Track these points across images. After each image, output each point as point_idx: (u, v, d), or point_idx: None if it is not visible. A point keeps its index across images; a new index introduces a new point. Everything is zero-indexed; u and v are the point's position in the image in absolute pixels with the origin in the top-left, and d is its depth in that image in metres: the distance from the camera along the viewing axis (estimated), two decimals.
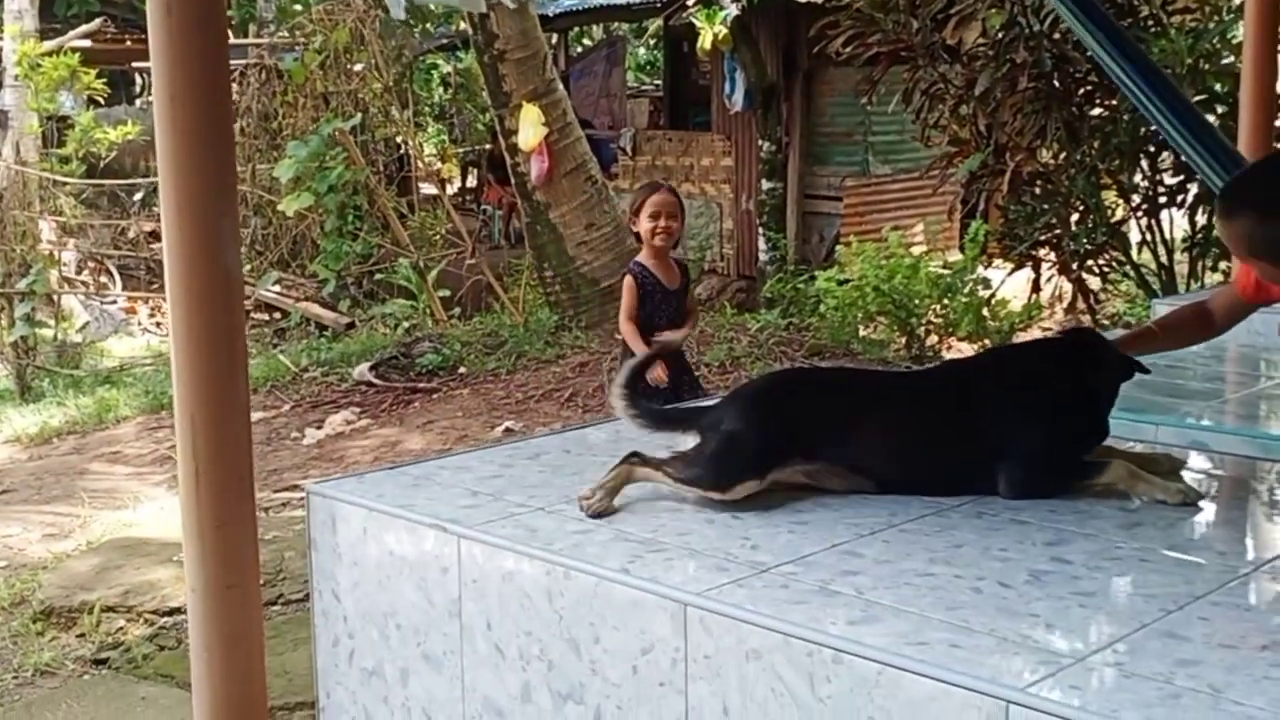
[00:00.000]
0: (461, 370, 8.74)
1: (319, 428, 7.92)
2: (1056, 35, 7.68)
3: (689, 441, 2.68)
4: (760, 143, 13.67)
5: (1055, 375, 2.64)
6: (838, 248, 13.42)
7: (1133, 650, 1.89)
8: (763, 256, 13.47)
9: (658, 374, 4.47)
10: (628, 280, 4.92)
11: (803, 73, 13.76)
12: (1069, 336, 2.82)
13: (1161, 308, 5.39)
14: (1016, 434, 2.58)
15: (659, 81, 20.92)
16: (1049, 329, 9.09)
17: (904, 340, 8.65)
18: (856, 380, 3.00)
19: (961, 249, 12.58)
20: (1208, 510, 2.60)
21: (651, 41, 23.47)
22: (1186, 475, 2.75)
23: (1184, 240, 8.22)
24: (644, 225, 4.87)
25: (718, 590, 2.15)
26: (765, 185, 13.52)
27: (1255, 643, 1.90)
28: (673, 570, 2.26)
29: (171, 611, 4.90)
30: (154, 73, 2.66)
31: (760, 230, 13.54)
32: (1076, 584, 2.17)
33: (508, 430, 7.43)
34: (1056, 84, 7.73)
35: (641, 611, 2.18)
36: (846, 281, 8.80)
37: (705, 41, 13.51)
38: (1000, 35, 7.78)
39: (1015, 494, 2.57)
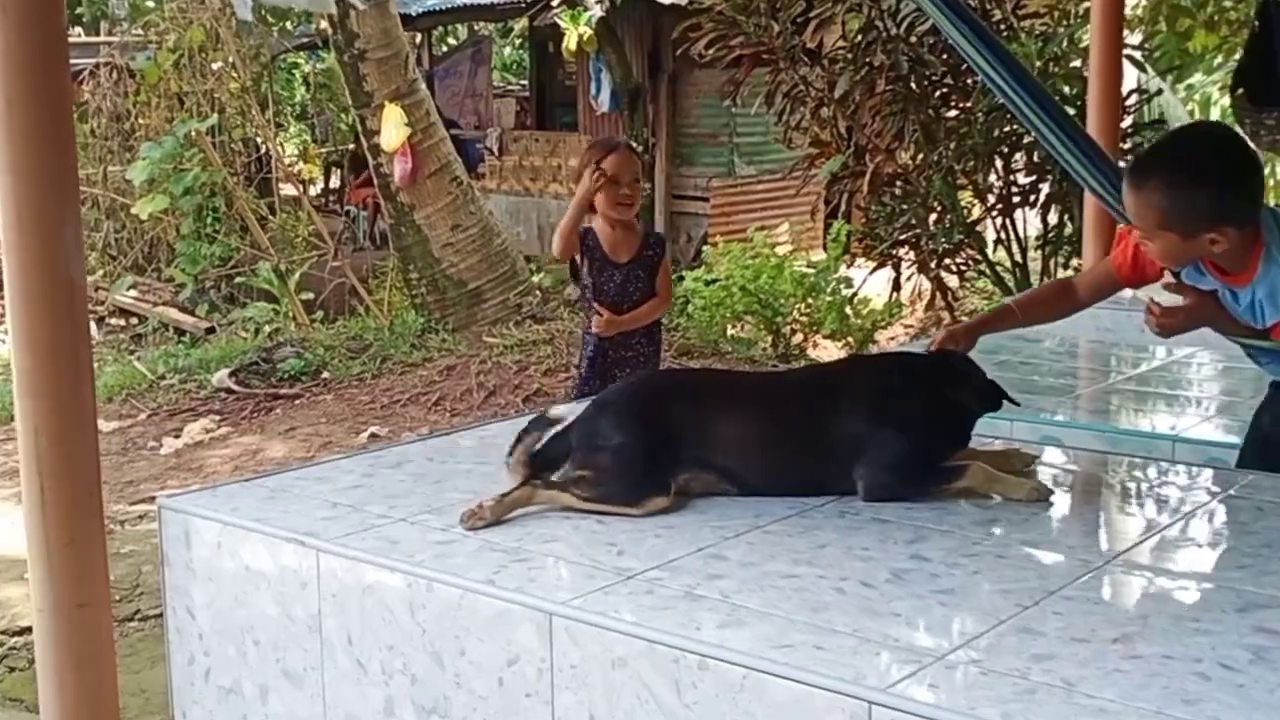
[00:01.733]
0: (325, 375, 8.59)
1: (177, 437, 7.71)
2: (913, 39, 7.84)
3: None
4: None
5: (917, 386, 2.66)
6: (705, 248, 13.57)
7: (990, 647, 1.92)
8: None
9: (600, 323, 4.29)
10: (577, 240, 4.33)
11: (668, 74, 13.84)
12: (936, 355, 2.82)
13: None
14: (875, 439, 2.60)
15: (525, 81, 20.84)
16: (910, 326, 9.27)
17: (770, 339, 8.74)
18: (722, 383, 2.99)
19: (825, 248, 12.80)
20: (1061, 505, 2.66)
21: (517, 41, 23.37)
22: (1040, 471, 2.81)
23: (1037, 239, 8.45)
24: (605, 189, 4.23)
25: (583, 599, 2.13)
26: None
27: (1106, 635, 1.94)
28: (539, 580, 2.24)
29: (21, 631, 4.71)
30: None
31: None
32: (936, 581, 2.20)
33: (373, 436, 7.32)
34: (913, 86, 7.88)
35: (507, 622, 2.15)
36: (714, 281, 8.85)
37: (570, 42, 13.53)
38: (859, 39, 7.91)
39: (873, 498, 2.60)
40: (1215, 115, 12.81)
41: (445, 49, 20.06)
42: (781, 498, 2.63)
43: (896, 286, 8.65)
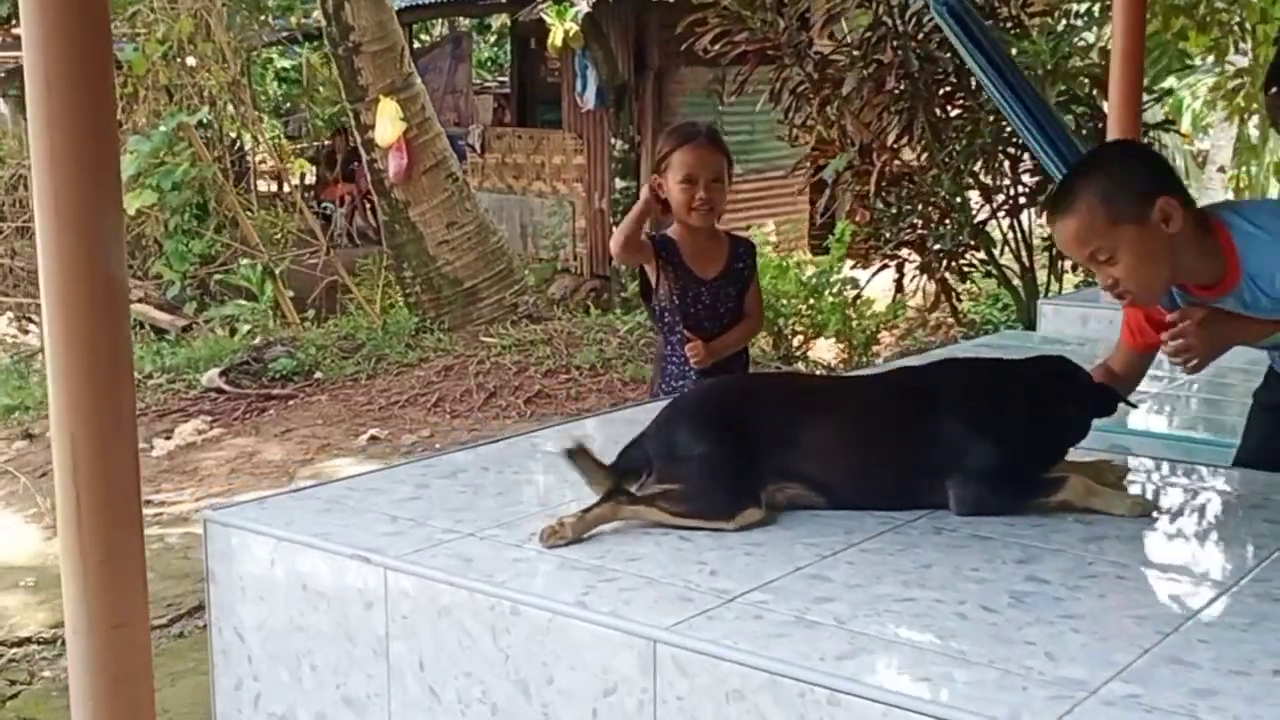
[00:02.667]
0: (318, 375, 8.40)
1: (168, 438, 7.50)
2: (921, 35, 7.72)
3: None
4: (613, 141, 13.58)
5: (1017, 390, 2.52)
6: None
7: (1144, 679, 1.77)
8: None
9: (697, 354, 3.54)
10: (646, 241, 3.65)
11: (654, 71, 13.70)
12: (1041, 359, 2.67)
13: (1047, 308, 5.42)
14: (969, 448, 2.45)
15: (503, 78, 20.66)
16: (911, 329, 9.15)
17: (771, 340, 8.60)
18: (804, 386, 2.83)
19: (815, 249, 12.68)
20: (1164, 520, 2.52)
21: (494, 38, 23.19)
22: (1130, 483, 2.68)
23: (1044, 240, 8.35)
24: (673, 190, 3.49)
25: (687, 624, 1.97)
26: (618, 184, 13.41)
27: (1266, 667, 1.80)
28: (633, 602, 2.08)
29: (21, 642, 4.52)
30: (26, 59, 2.37)
31: (614, 229, 13.37)
32: (1061, 606, 2.05)
33: (373, 438, 7.14)
34: (921, 85, 7.76)
35: (604, 649, 1.99)
36: None
37: (556, 38, 13.33)
38: (867, 35, 7.78)
39: (967, 511, 2.45)
40: (1187, 121, 12.82)
41: (420, 45, 19.86)
42: (870, 512, 2.48)
43: (899, 288, 8.53)
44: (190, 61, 11.09)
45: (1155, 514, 2.51)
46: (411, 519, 2.49)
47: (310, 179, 18.87)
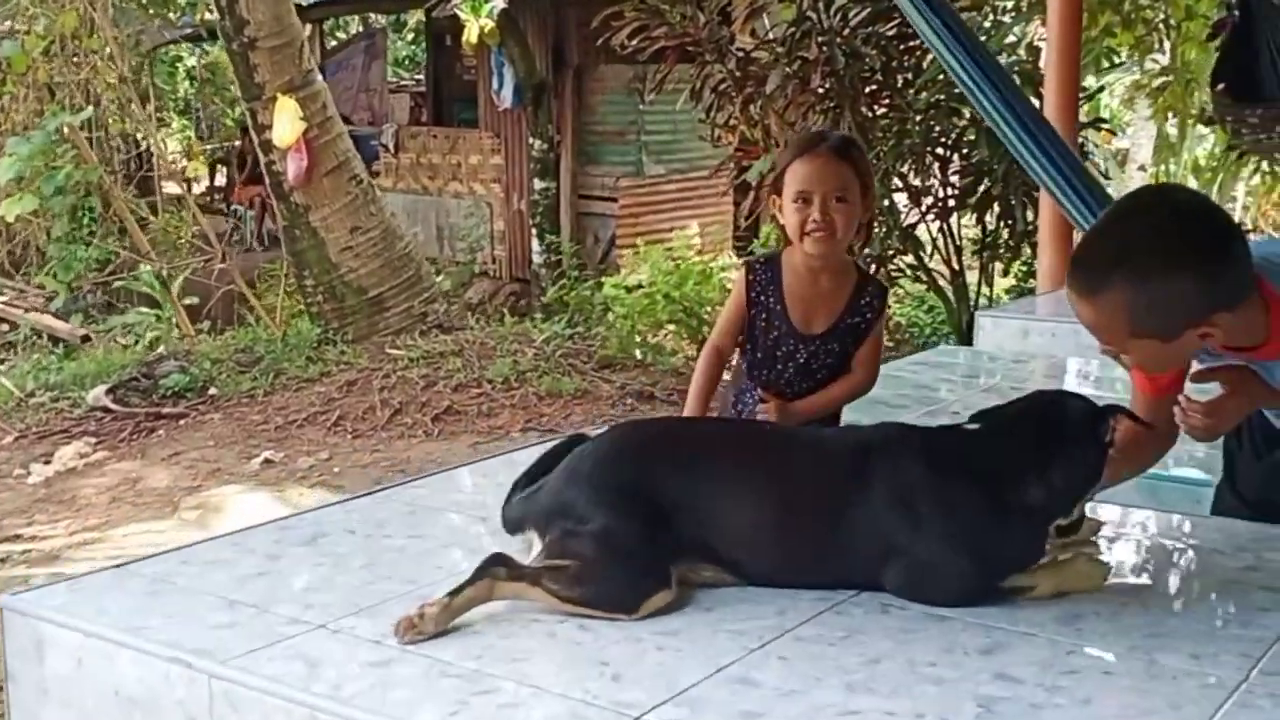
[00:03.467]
0: (212, 392, 7.86)
1: (47, 463, 6.94)
2: (847, 31, 7.38)
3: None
4: (531, 141, 13.22)
5: (986, 469, 2.06)
6: (614, 250, 13.05)
7: None
8: (536, 258, 13.03)
9: (769, 409, 2.73)
10: (737, 280, 2.85)
11: (573, 69, 13.38)
12: (1024, 405, 2.18)
13: (985, 320, 5.07)
14: (914, 542, 2.04)
15: (419, 76, 20.18)
16: None
17: (695, 349, 8.21)
18: (728, 441, 2.31)
19: (740, 251, 12.34)
20: (1147, 588, 2.15)
21: (410, 35, 22.67)
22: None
23: (974, 243, 8.05)
24: (787, 211, 2.69)
25: None
26: (538, 185, 13.06)
27: None
28: None
29: None
30: None
31: (533, 231, 13.04)
32: (1040, 716, 1.67)
33: (267, 461, 6.64)
34: (848, 83, 7.42)
35: None
36: (636, 288, 8.31)
37: (471, 35, 12.97)
38: (791, 31, 7.42)
39: (907, 598, 2.06)
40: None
41: (336, 42, 19.32)
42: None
43: None
44: (75, 58, 10.46)
45: (1142, 577, 2.14)
46: (253, 604, 2.06)
47: (220, 180, 18.26)
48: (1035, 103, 4.79)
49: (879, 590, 2.07)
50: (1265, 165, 10.05)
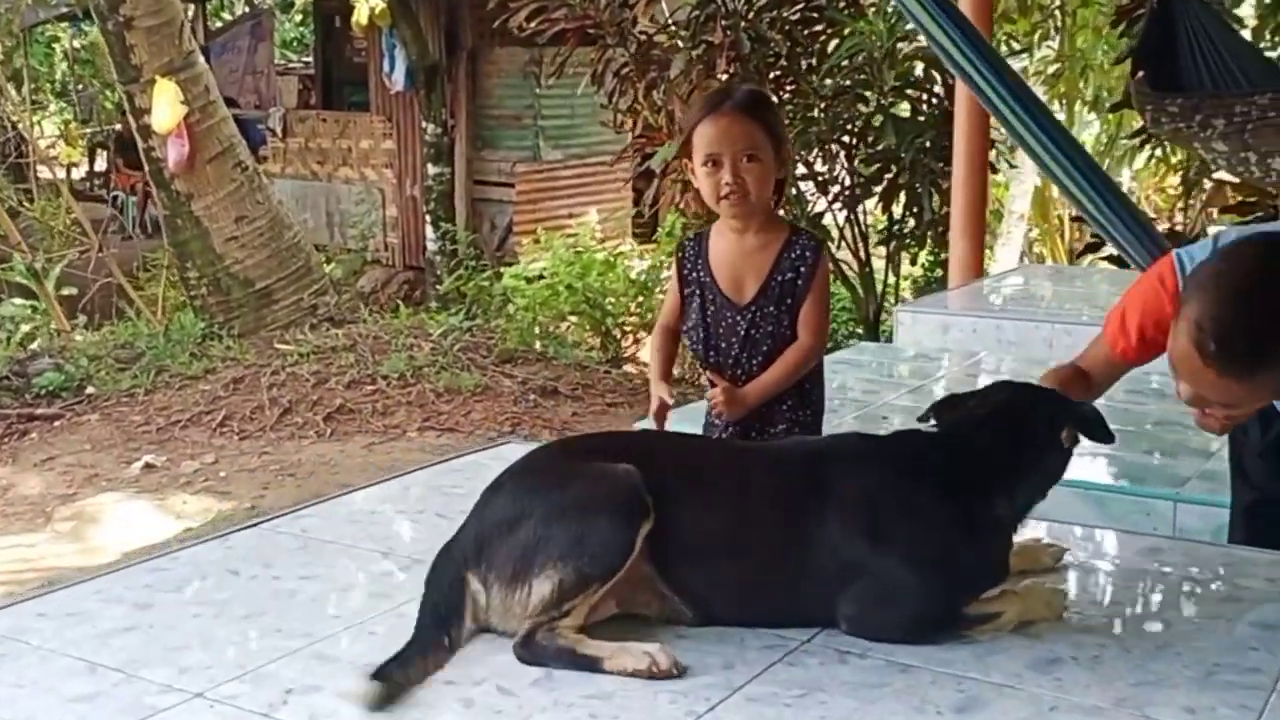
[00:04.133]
0: (89, 391, 7.43)
1: None
2: (752, 14, 7.19)
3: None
4: (424, 125, 12.91)
5: (949, 482, 1.88)
6: (511, 237, 12.77)
7: None
8: (431, 246, 12.71)
9: (718, 404, 2.56)
10: (674, 261, 2.76)
11: (467, 51, 13.10)
12: (985, 402, 2.00)
13: (904, 315, 4.90)
14: (871, 565, 1.85)
15: (308, 59, 19.68)
16: None
17: (598, 341, 7.99)
18: (668, 459, 2.01)
19: (641, 238, 12.13)
20: (1128, 626, 1.96)
21: (299, 16, 22.10)
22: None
23: (880, 234, 7.93)
24: (698, 176, 2.58)
25: None
26: (431, 170, 12.74)
27: None
28: None
29: None
30: None
31: (427, 218, 12.72)
32: None
33: (148, 466, 6.27)
34: (753, 68, 7.23)
35: None
36: (537, 278, 8.04)
37: (361, 16, 12.70)
38: (695, 14, 7.21)
39: (858, 636, 1.85)
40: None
41: (221, 23, 18.73)
42: (752, 629, 1.87)
43: None
44: None
45: (1114, 611, 1.95)
46: (118, 668, 1.78)
47: (101, 165, 17.57)
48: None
49: (832, 625, 1.86)
50: (1158, 152, 10.06)
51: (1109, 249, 8.17)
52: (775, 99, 7.39)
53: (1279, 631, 1.90)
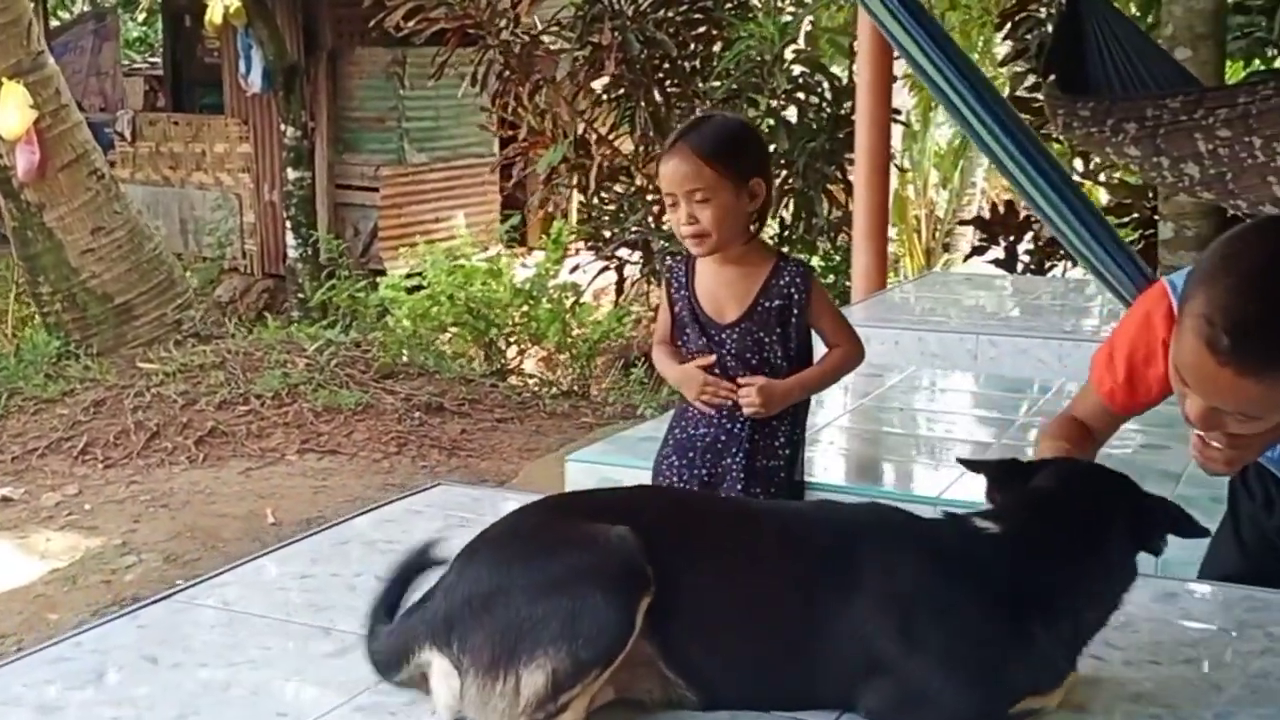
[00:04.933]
0: None
1: None
2: (641, 15, 7.00)
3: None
4: (283, 128, 12.48)
5: (1003, 577, 1.62)
6: (376, 243, 12.40)
7: None
8: (292, 253, 12.30)
9: (751, 400, 2.59)
10: (663, 284, 2.79)
11: (327, 52, 12.74)
12: (1053, 491, 1.73)
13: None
14: (903, 658, 1.60)
15: (154, 59, 19.00)
16: (634, 337, 8.41)
17: (483, 353, 7.70)
18: (681, 516, 1.80)
19: (511, 242, 11.87)
20: (1150, 680, 1.78)
21: (143, 15, 21.33)
22: None
23: (774, 239, 7.80)
24: (669, 210, 2.64)
25: None
26: (291, 174, 12.35)
27: None
28: None
29: None
30: None
31: (287, 224, 12.31)
32: None
33: (4, 499, 5.80)
34: (642, 70, 7.04)
35: None
36: (415, 289, 7.72)
37: (215, 15, 12.29)
38: (581, 14, 6.98)
39: None
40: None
41: (60, 22, 17.91)
42: (762, 712, 1.64)
43: (620, 291, 7.80)
44: None
45: (1149, 673, 1.77)
46: None
47: None
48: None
49: (851, 711, 1.64)
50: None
51: (994, 253, 8.20)
52: (665, 102, 7.21)
53: None
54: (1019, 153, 3.95)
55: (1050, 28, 6.66)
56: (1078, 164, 7.35)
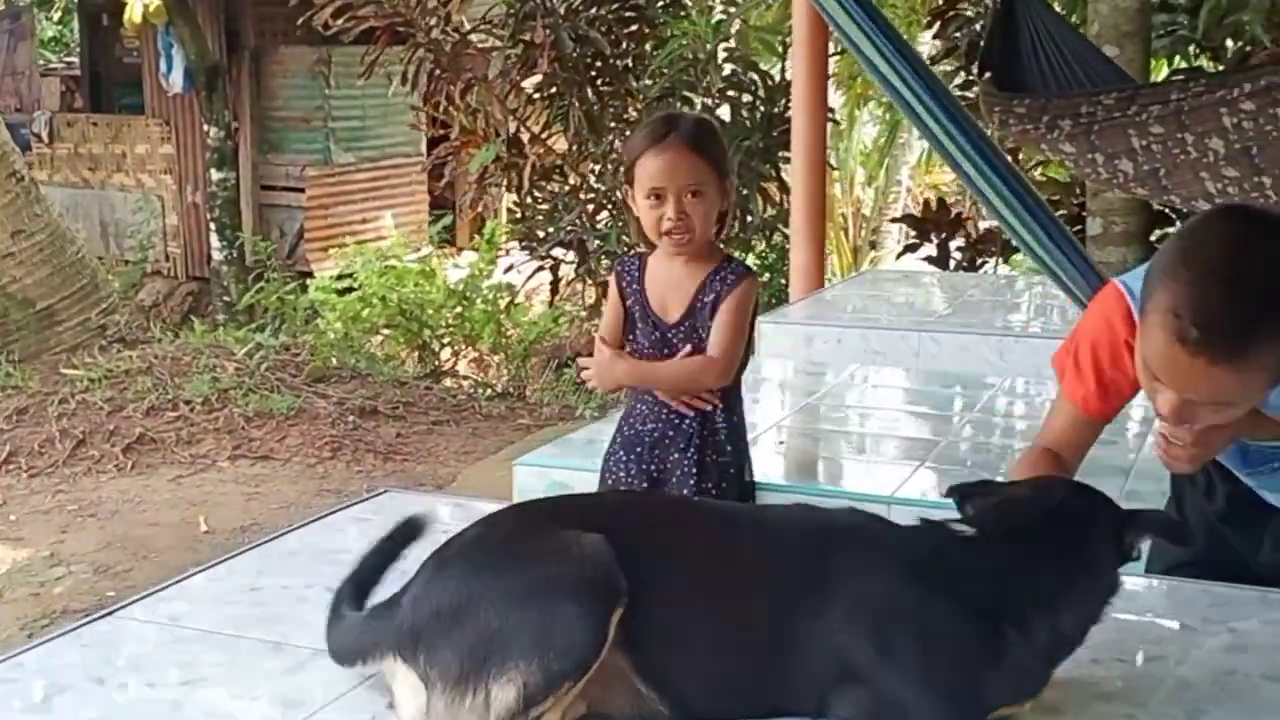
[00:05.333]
0: None
1: None
2: (573, 13, 6.95)
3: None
4: (206, 128, 12.31)
5: (979, 585, 1.60)
6: (302, 244, 12.24)
7: None
8: (216, 255, 12.12)
9: (589, 370, 2.69)
10: (610, 282, 2.75)
11: (249, 51, 12.57)
12: (1034, 504, 1.71)
13: (766, 325, 4.70)
14: (875, 668, 1.58)
15: (70, 59, 18.63)
16: (568, 337, 8.37)
17: (416, 355, 7.61)
18: (647, 528, 1.73)
19: (443, 242, 11.77)
20: (1117, 678, 1.77)
21: (59, 14, 20.89)
22: None
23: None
24: (640, 208, 2.56)
25: None
26: (215, 175, 12.19)
27: None
28: None
29: None
30: None
31: (211, 226, 12.12)
32: None
33: None
34: (575, 68, 6.98)
35: None
36: (346, 291, 7.61)
37: (134, 14, 12.09)
38: (513, 13, 6.92)
39: None
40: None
41: None
42: None
43: (554, 290, 7.74)
44: None
45: (1118, 670, 1.76)
46: None
47: None
48: None
49: (820, 717, 1.61)
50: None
51: (926, 250, 8.24)
52: (598, 101, 7.17)
53: None
54: (965, 143, 3.94)
55: (980, 26, 6.71)
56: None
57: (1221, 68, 6.77)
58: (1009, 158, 4.38)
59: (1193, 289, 1.65)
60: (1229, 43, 6.84)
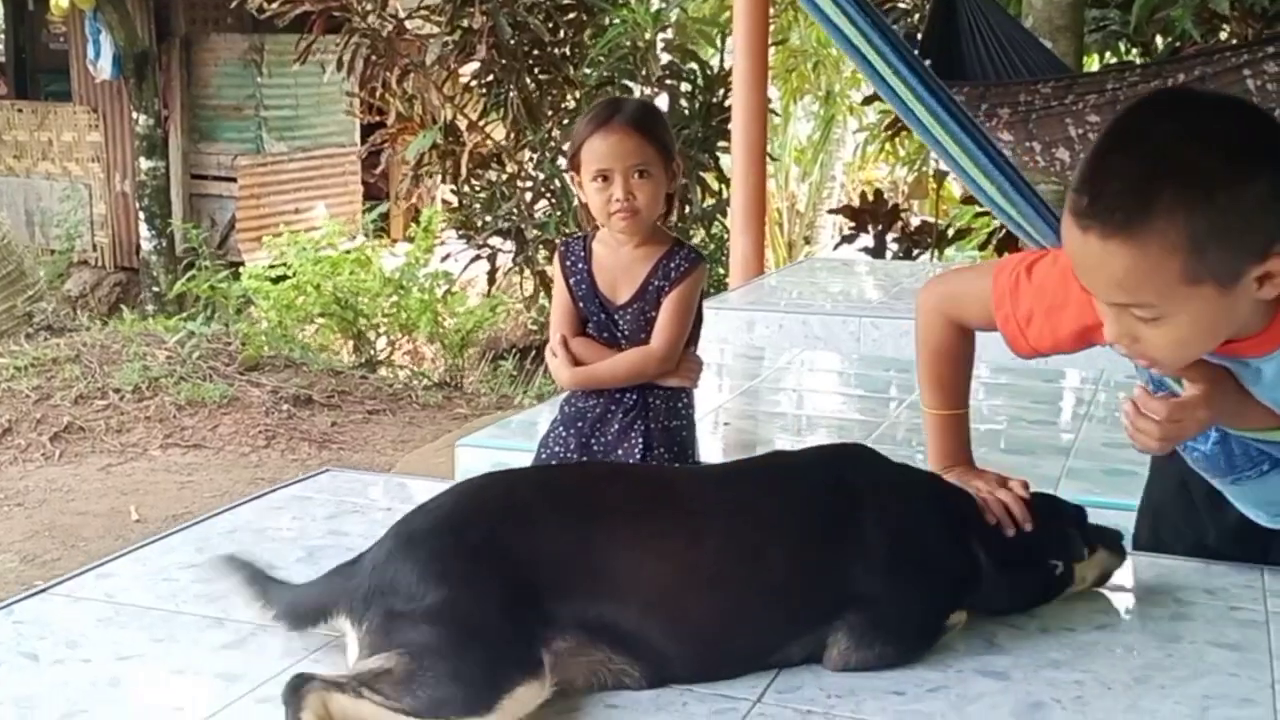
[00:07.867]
0: None
1: None
2: None
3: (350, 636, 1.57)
4: (135, 116, 12.10)
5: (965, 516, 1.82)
6: (234, 234, 12.09)
7: None
8: (145, 245, 11.92)
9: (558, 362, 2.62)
10: (555, 263, 2.70)
11: (180, 38, 12.37)
12: None
13: (707, 311, 4.69)
14: (883, 590, 1.69)
15: None
16: (504, 329, 8.32)
17: (351, 344, 7.52)
18: (621, 484, 1.79)
19: (378, 232, 11.68)
20: (1069, 640, 1.78)
21: None
22: None
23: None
24: (588, 191, 2.54)
25: None
26: (144, 164, 11.99)
27: None
28: None
29: None
30: None
31: (141, 215, 11.93)
32: None
33: None
34: (514, 55, 6.94)
35: None
36: (280, 279, 7.50)
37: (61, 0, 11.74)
38: None
39: (849, 669, 1.64)
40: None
41: None
42: (689, 687, 1.61)
43: (491, 280, 7.69)
44: None
45: (1078, 641, 1.77)
46: None
47: None
48: None
49: (790, 665, 1.63)
50: (890, 146, 10.24)
51: (863, 240, 8.29)
52: (537, 88, 7.13)
53: (1247, 653, 1.75)
54: (930, 97, 3.92)
55: (917, 18, 6.76)
56: None
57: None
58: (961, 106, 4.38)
59: (1091, 159, 1.49)
60: (1159, 38, 6.94)
